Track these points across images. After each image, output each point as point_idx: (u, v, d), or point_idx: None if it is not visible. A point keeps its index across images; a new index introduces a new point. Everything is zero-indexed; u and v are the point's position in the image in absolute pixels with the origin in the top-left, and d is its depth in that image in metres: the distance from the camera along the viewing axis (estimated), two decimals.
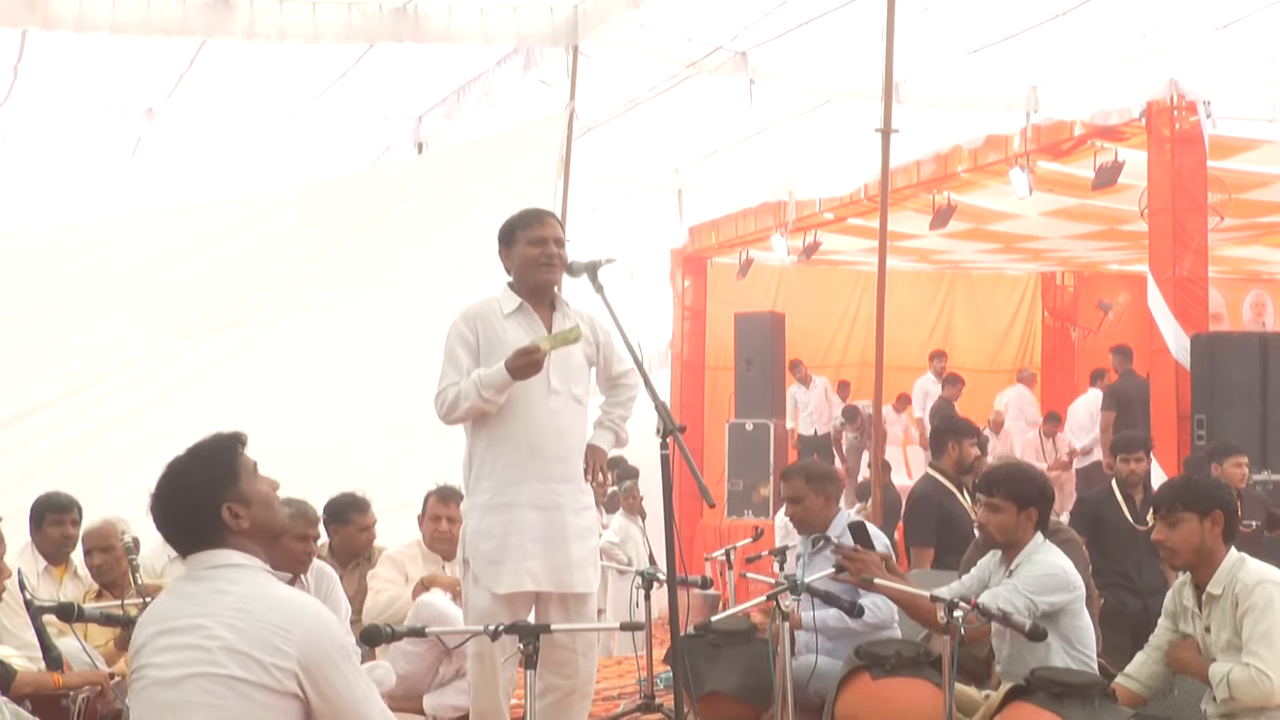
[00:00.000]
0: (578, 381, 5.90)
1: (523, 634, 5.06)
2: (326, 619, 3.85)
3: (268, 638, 3.70)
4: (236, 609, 3.75)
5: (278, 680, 3.68)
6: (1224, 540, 5.49)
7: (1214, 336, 12.16)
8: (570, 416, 5.85)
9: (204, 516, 3.90)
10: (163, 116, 12.57)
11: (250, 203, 11.24)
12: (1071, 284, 22.30)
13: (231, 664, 3.66)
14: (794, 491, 7.44)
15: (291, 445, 9.81)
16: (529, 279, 5.84)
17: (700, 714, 6.97)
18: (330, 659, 3.76)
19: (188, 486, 3.96)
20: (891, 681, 6.09)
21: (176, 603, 3.87)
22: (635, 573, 7.88)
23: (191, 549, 3.92)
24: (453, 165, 11.42)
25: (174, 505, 3.96)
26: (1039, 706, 5.33)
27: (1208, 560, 5.49)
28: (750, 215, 18.16)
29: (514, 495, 5.73)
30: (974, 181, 14.96)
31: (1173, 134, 11.98)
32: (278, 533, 4.05)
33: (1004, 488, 6.27)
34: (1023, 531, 6.26)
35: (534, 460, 5.75)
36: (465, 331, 5.82)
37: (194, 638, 3.73)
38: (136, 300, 10.13)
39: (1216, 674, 5.29)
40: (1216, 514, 5.47)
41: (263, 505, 3.98)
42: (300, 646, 3.71)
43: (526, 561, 5.71)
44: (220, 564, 3.87)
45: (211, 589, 3.82)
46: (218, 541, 3.89)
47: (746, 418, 17.77)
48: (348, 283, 10.68)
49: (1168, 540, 5.55)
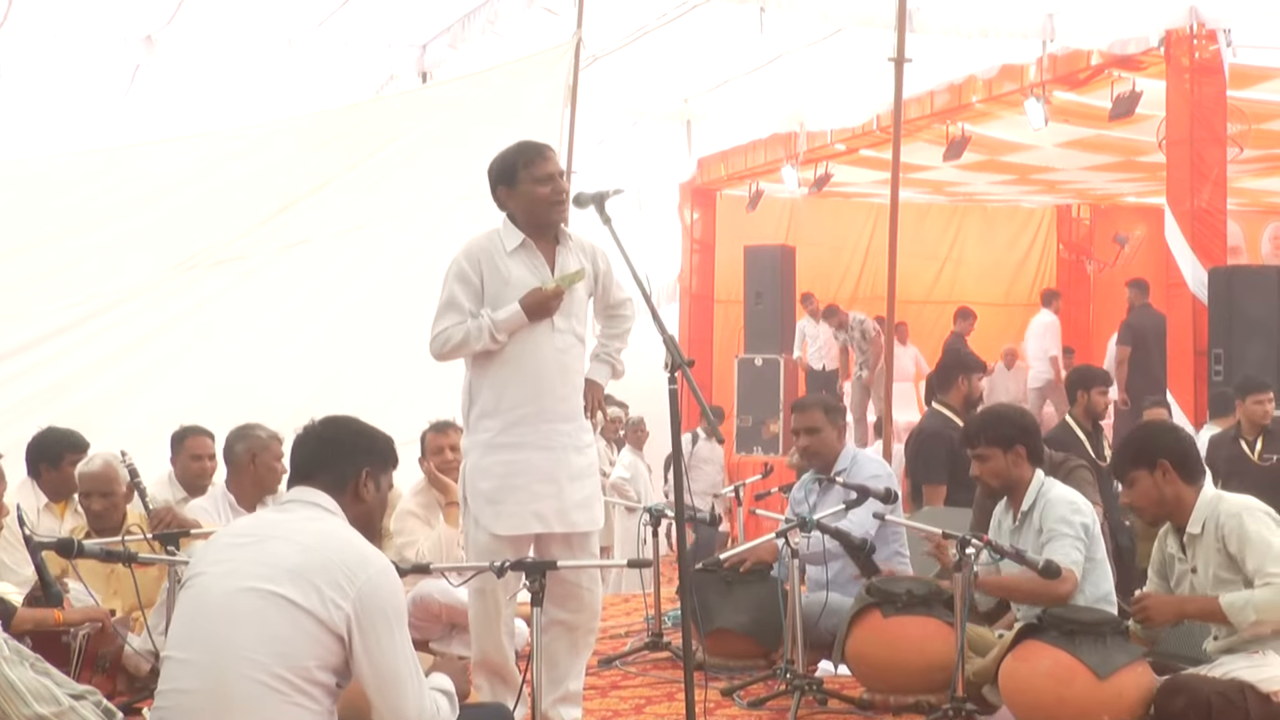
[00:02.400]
0: (580, 319, 5.87)
1: (529, 570, 5.06)
2: (393, 579, 3.93)
3: (334, 573, 3.79)
4: (313, 539, 3.87)
5: (329, 614, 3.75)
6: (1185, 482, 5.52)
7: (1232, 270, 12.12)
8: (573, 355, 5.82)
9: (346, 461, 4.09)
10: (161, 44, 12.49)
11: (251, 133, 11.18)
12: (1087, 216, 22.23)
13: (290, 586, 3.75)
14: (811, 422, 7.42)
15: (294, 379, 9.85)
16: (538, 217, 5.76)
17: (708, 651, 7.00)
18: (385, 616, 3.82)
19: (362, 433, 4.18)
20: (903, 620, 6.12)
21: (255, 522, 4.11)
22: (643, 509, 7.88)
23: (307, 479, 4.07)
24: (457, 95, 11.35)
25: (335, 435, 4.15)
26: (1051, 644, 5.37)
27: (1178, 507, 5.52)
28: (760, 147, 18.08)
29: (519, 435, 5.70)
30: (988, 112, 14.88)
31: (1192, 63, 11.89)
32: (373, 534, 4.15)
33: (984, 436, 6.39)
34: (1018, 469, 6.35)
35: (539, 400, 5.72)
36: (467, 269, 5.74)
37: (261, 552, 3.85)
38: (135, 232, 10.10)
39: (1235, 602, 5.24)
40: (1163, 464, 5.51)
41: (382, 505, 4.21)
42: (361, 592, 3.79)
43: (533, 504, 5.69)
44: (316, 502, 4.01)
45: (297, 516, 3.99)
46: (330, 488, 4.04)
47: (756, 353, 17.74)
48: (350, 215, 10.65)
49: (1132, 502, 5.66)
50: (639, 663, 7.40)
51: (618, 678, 7.10)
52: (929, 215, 21.69)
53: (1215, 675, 5.18)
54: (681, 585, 5.30)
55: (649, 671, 7.19)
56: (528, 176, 5.70)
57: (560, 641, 5.79)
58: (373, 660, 3.79)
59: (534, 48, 11.74)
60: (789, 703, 6.15)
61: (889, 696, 6.13)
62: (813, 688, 6.23)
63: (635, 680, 7.04)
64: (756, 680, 6.67)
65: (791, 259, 18.40)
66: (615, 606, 9.31)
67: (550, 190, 5.72)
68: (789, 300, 18.21)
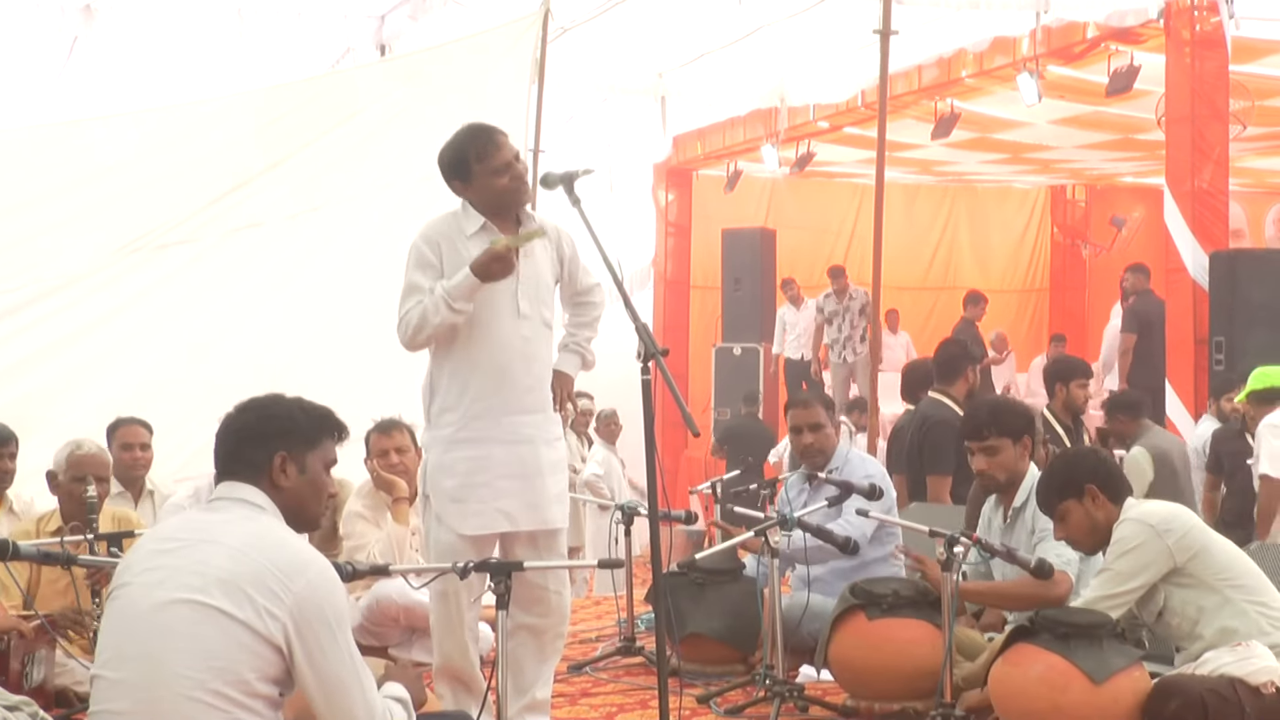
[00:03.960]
0: (547, 304, 5.85)
1: (494, 572, 5.05)
2: (332, 582, 3.87)
3: (267, 579, 3.72)
4: (244, 542, 3.79)
5: (265, 625, 3.69)
6: (1113, 503, 5.66)
7: (1234, 254, 12.17)
8: (540, 343, 5.80)
9: (256, 447, 3.99)
10: (101, 14, 12.41)
11: (198, 109, 11.14)
12: (1083, 198, 22.32)
13: (222, 596, 3.68)
14: (815, 418, 7.47)
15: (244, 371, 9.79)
16: (498, 206, 5.74)
17: (682, 657, 7.01)
18: (325, 622, 3.77)
19: (273, 415, 4.06)
20: (889, 622, 6.12)
21: (183, 525, 3.97)
22: (615, 507, 7.88)
23: (226, 474, 4.00)
24: (418, 70, 11.34)
25: (244, 422, 4.05)
26: (1044, 648, 5.37)
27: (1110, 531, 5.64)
28: (739, 124, 18.08)
29: (482, 430, 5.69)
30: (979, 87, 14.91)
31: (1193, 36, 11.92)
32: (306, 522, 4.08)
33: (994, 427, 6.44)
34: (1021, 463, 6.43)
35: (503, 391, 5.70)
36: (427, 253, 5.72)
37: (190, 559, 3.77)
38: (75, 214, 10.06)
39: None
40: (1090, 489, 5.63)
41: (312, 490, 4.05)
42: (298, 599, 3.73)
43: (498, 501, 5.68)
44: (245, 498, 3.94)
45: (227, 516, 3.90)
46: (251, 478, 3.96)
47: (734, 341, 17.77)
48: (304, 197, 10.63)
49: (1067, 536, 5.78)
50: (610, 669, 7.39)
51: (588, 685, 7.09)
52: (918, 197, 21.74)
53: (1204, 673, 5.24)
54: (655, 588, 5.30)
55: (621, 678, 7.18)
56: (483, 170, 5.66)
57: (526, 647, 5.79)
58: (316, 670, 3.75)
59: (499, 19, 11.72)
60: (768, 710, 6.16)
61: (874, 703, 6.14)
62: (793, 694, 6.24)
63: (606, 687, 7.02)
64: (734, 686, 6.68)
65: (771, 243, 18.43)
66: (585, 610, 9.32)
67: (508, 180, 5.68)
68: (769, 286, 18.24)
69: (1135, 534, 5.49)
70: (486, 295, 5.62)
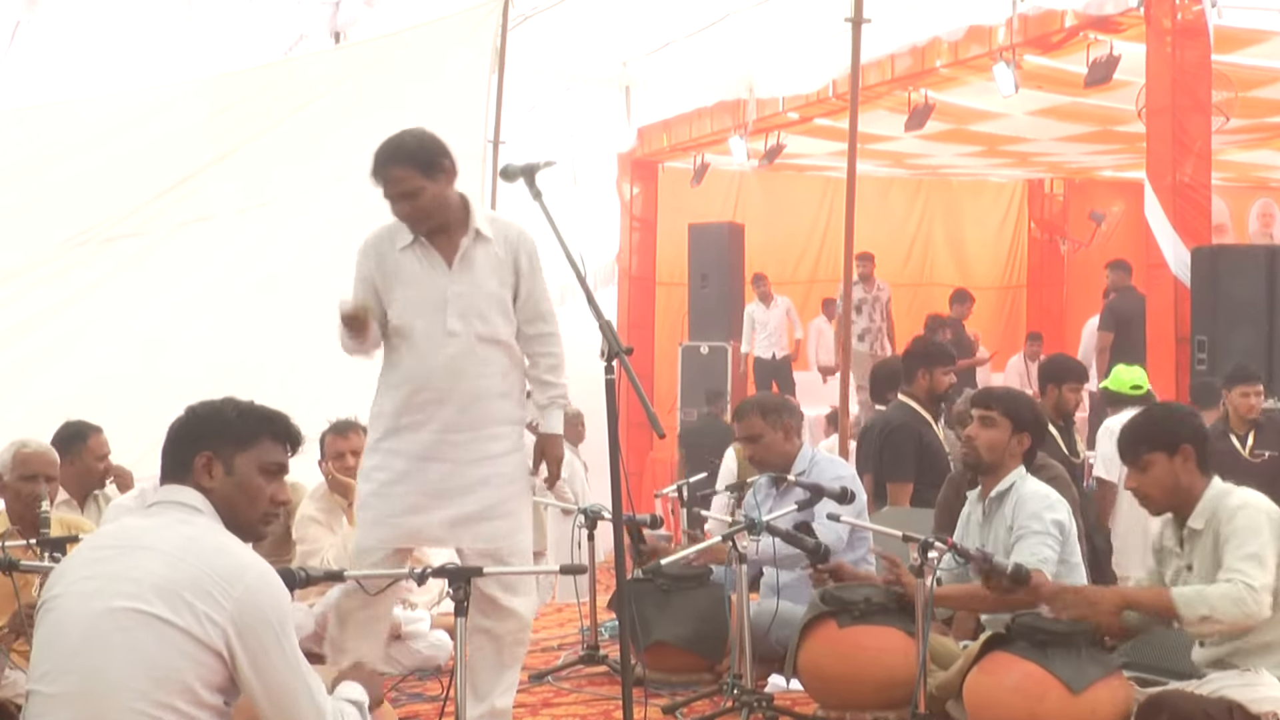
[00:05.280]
0: (486, 320, 5.79)
1: (452, 578, 5.06)
2: (274, 585, 3.88)
3: (205, 584, 3.72)
4: (180, 547, 3.79)
5: (205, 632, 3.70)
6: (1202, 473, 5.52)
7: (1217, 250, 12.19)
8: (474, 359, 5.77)
9: (182, 447, 4.02)
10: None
11: (145, 97, 11.13)
12: (1061, 192, 22.40)
13: (160, 604, 3.69)
14: (750, 430, 7.44)
15: (194, 369, 9.78)
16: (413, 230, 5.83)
17: (647, 666, 7.01)
18: (268, 626, 3.78)
19: (200, 415, 4.09)
20: (860, 629, 6.12)
21: (117, 531, 3.97)
22: (578, 511, 7.88)
23: (165, 476, 4.03)
24: (373, 58, 11.34)
25: (179, 422, 4.08)
26: (1021, 656, 5.39)
27: (1187, 498, 5.52)
28: (706, 115, 18.07)
29: (401, 443, 5.79)
30: (954, 77, 14.94)
31: (1174, 25, 11.94)
32: (241, 528, 4.05)
33: (1001, 405, 6.49)
34: (1011, 457, 6.44)
35: (428, 408, 5.74)
36: (362, 265, 5.86)
37: (126, 566, 3.77)
38: (18, 205, 10.04)
39: (1186, 595, 5.24)
40: (1185, 449, 5.50)
41: (241, 493, 4.03)
42: (238, 604, 3.74)
43: (401, 517, 5.75)
44: (183, 501, 3.95)
45: (164, 520, 3.91)
46: (184, 480, 3.98)
47: (701, 339, 17.78)
48: (255, 189, 10.62)
49: (1140, 487, 5.59)
50: (573, 678, 7.39)
51: (549, 694, 7.09)
52: (891, 190, 21.78)
53: (1203, 693, 5.16)
54: (619, 594, 5.31)
55: (584, 688, 7.18)
56: (383, 194, 5.74)
57: (484, 651, 5.80)
58: (261, 676, 3.76)
59: (458, 5, 11.71)
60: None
61: (845, 713, 6.14)
62: (762, 704, 6.24)
63: (569, 697, 7.02)
64: (701, 696, 6.68)
65: (740, 237, 18.45)
66: (548, 617, 9.32)
67: (406, 209, 5.72)
68: (737, 282, 18.26)
69: (1264, 519, 5.30)
70: (415, 312, 5.76)
